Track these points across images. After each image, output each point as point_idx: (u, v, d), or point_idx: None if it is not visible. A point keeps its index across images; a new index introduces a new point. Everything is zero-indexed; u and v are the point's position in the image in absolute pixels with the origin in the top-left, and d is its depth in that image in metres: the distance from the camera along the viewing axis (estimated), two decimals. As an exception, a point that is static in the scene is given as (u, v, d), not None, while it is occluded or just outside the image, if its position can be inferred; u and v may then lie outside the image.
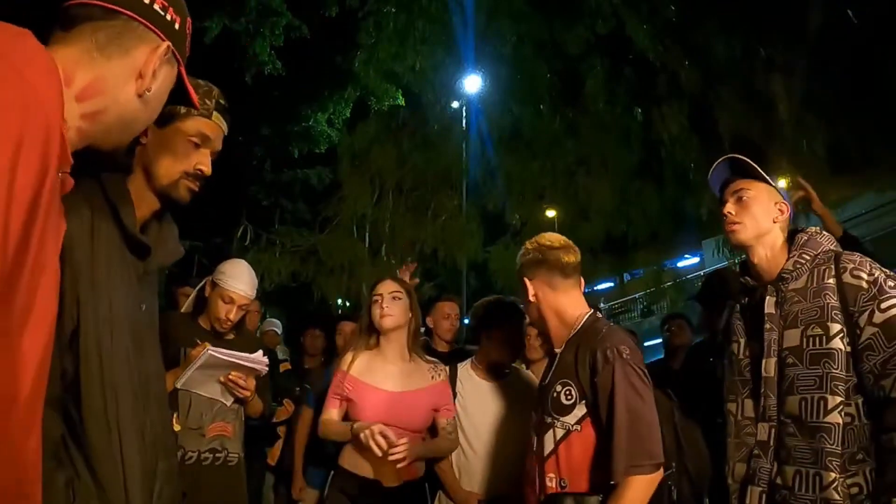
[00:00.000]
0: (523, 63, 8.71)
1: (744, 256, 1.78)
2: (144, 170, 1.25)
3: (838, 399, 1.45)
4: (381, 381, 2.27)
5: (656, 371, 1.91)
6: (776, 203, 1.69)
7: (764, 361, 1.58)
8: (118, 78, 0.90)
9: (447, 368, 2.40)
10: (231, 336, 2.44)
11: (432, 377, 2.33)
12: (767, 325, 1.60)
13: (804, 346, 1.52)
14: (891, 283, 1.47)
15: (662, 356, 4.12)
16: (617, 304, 20.91)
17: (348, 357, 2.34)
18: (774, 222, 1.67)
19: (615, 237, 8.66)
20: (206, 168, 1.28)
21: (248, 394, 2.32)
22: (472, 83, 9.65)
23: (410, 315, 2.32)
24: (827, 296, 1.52)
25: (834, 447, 1.43)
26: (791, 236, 1.70)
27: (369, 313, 2.33)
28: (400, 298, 2.30)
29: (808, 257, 1.61)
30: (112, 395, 1.13)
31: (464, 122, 9.92)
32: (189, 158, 1.26)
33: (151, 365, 1.28)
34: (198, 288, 2.54)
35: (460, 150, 9.51)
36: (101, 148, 0.91)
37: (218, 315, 2.35)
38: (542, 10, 8.02)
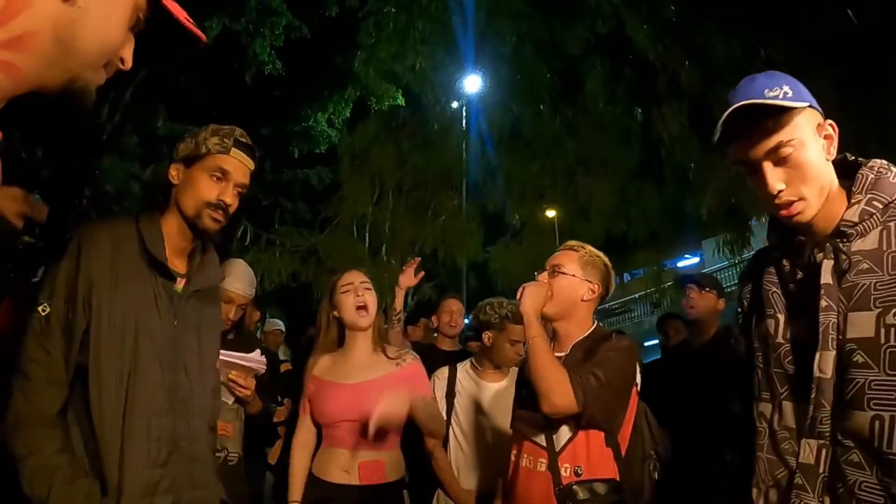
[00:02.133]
0: (523, 63, 8.70)
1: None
2: (177, 206, 1.46)
3: None
4: (343, 375, 2.15)
5: (650, 372, 1.97)
6: (820, 128, 1.13)
7: (818, 354, 1.08)
8: None
9: (415, 354, 2.26)
10: (230, 336, 2.45)
11: (397, 364, 2.17)
12: (824, 303, 1.08)
13: (882, 340, 1.02)
14: None
15: (660, 356, 4.12)
16: (616, 303, 20.92)
17: (311, 361, 2.25)
18: (828, 160, 1.13)
19: (615, 237, 8.65)
20: (228, 198, 1.45)
21: (248, 393, 2.32)
22: (472, 83, 9.66)
23: (376, 312, 2.22)
24: None
25: None
26: (847, 169, 1.17)
27: (334, 306, 2.17)
28: (370, 289, 2.17)
29: (879, 205, 1.08)
30: (122, 390, 1.31)
31: (464, 122, 9.92)
32: (211, 191, 1.44)
33: (187, 377, 1.44)
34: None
35: (460, 150, 9.51)
36: (53, 89, 0.69)
37: None
38: (542, 10, 8.02)
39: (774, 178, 1.10)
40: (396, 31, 8.48)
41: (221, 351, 2.21)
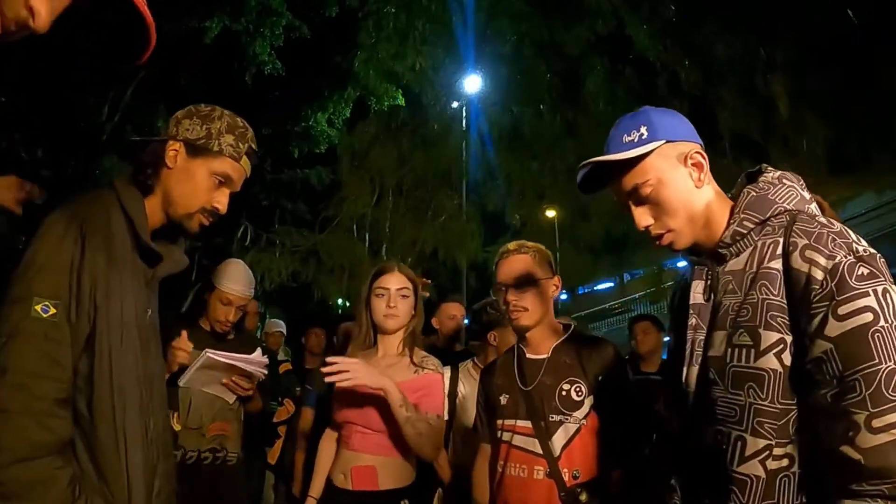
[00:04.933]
0: (523, 63, 8.71)
1: None
2: (164, 193, 1.29)
3: (762, 442, 1.01)
4: None
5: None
6: (685, 158, 1.14)
7: (684, 369, 1.15)
8: None
9: (439, 363, 2.11)
10: (231, 336, 2.45)
11: (415, 371, 2.02)
12: (692, 321, 1.15)
13: (727, 359, 1.06)
14: (862, 272, 0.96)
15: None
16: (616, 303, 20.93)
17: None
18: (698, 186, 1.14)
19: (615, 237, 8.66)
20: (223, 207, 1.31)
21: (250, 392, 2.33)
22: (472, 83, 9.66)
23: (414, 314, 2.07)
24: (765, 288, 1.04)
25: None
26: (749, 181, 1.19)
27: (368, 307, 2.06)
28: (407, 296, 2.04)
29: (751, 224, 1.09)
30: (120, 396, 1.17)
31: (464, 122, 9.92)
32: (209, 195, 1.29)
33: (155, 367, 1.35)
34: (195, 290, 2.55)
35: (460, 150, 9.52)
36: None
37: (217, 317, 2.36)
38: (542, 10, 8.02)
39: (640, 216, 1.15)
40: (396, 31, 8.49)
41: (223, 353, 2.21)
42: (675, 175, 1.13)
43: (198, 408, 2.29)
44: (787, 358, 1.01)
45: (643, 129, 1.14)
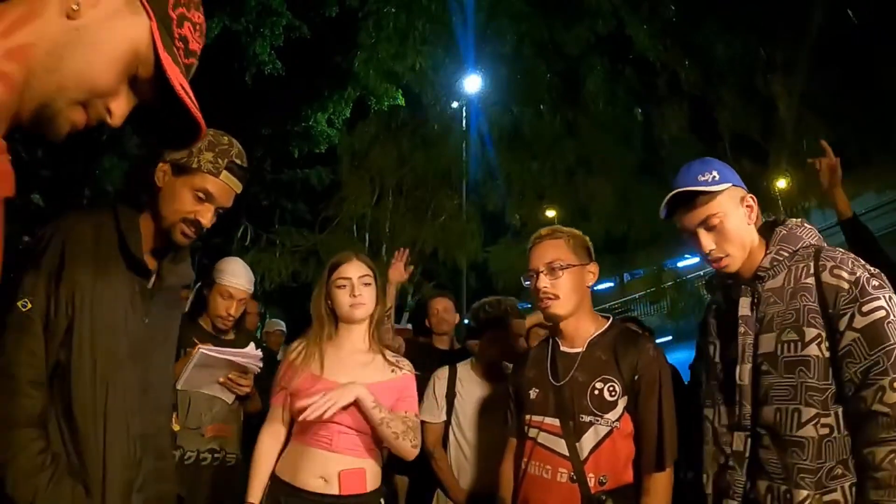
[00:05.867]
0: (523, 63, 8.72)
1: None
2: (155, 210, 1.43)
3: (813, 411, 1.34)
4: (333, 371, 1.88)
5: None
6: (742, 200, 1.50)
7: (738, 368, 1.46)
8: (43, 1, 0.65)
9: (410, 365, 2.01)
10: (231, 336, 2.46)
11: (392, 370, 1.93)
12: (742, 329, 1.47)
13: (779, 353, 1.39)
14: (875, 283, 1.34)
15: None
16: (617, 303, 20.96)
17: (296, 346, 1.98)
18: (749, 224, 1.50)
19: (615, 237, 8.66)
20: (204, 220, 1.42)
21: (248, 390, 2.33)
22: (472, 83, 9.66)
23: (376, 302, 1.97)
24: (804, 297, 1.39)
25: (807, 462, 1.33)
26: (770, 227, 1.55)
27: (328, 298, 1.96)
28: (370, 284, 1.95)
29: (786, 253, 1.46)
30: (102, 389, 1.31)
31: (464, 122, 9.92)
32: (191, 209, 1.41)
33: (154, 374, 1.45)
34: (195, 289, 2.56)
35: (460, 150, 9.52)
36: (26, 111, 0.67)
37: (218, 312, 2.37)
38: (542, 10, 8.03)
39: (706, 241, 1.48)
40: (396, 31, 8.50)
41: (217, 348, 2.22)
42: (736, 212, 1.48)
43: (197, 408, 2.29)
44: (824, 349, 1.35)
45: (715, 173, 1.48)
